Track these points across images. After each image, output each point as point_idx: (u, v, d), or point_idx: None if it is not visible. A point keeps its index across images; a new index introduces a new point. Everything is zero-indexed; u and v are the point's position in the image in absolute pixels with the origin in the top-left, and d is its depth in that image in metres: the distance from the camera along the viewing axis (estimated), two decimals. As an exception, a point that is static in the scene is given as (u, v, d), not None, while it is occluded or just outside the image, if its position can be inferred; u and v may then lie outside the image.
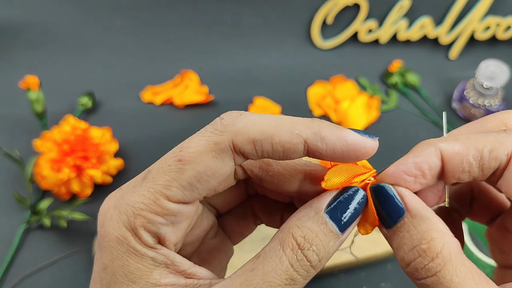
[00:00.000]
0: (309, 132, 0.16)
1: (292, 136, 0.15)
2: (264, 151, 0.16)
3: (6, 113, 0.53)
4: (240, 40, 0.60)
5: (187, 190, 0.16)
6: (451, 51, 0.60)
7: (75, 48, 0.58)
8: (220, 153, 0.16)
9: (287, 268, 0.15)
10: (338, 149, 0.16)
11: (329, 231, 0.16)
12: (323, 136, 0.16)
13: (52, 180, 0.42)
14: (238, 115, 0.16)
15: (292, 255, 0.15)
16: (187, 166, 0.15)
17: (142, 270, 0.15)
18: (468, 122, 0.57)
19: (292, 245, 0.15)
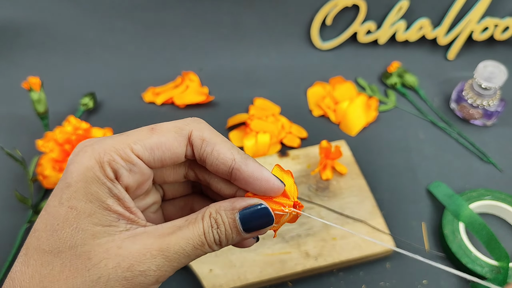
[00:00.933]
0: (239, 157, 0.21)
1: (228, 152, 0.21)
2: (205, 152, 0.21)
3: (8, 113, 0.53)
4: (240, 41, 0.60)
5: (147, 151, 0.20)
6: (450, 52, 0.61)
7: (76, 49, 0.59)
8: (180, 136, 0.21)
9: (201, 233, 0.20)
10: (254, 177, 0.21)
11: (234, 226, 0.20)
12: (248, 163, 0.21)
13: (53, 180, 0.42)
14: (203, 121, 0.22)
15: (206, 227, 0.20)
16: (155, 135, 0.20)
17: (99, 194, 0.19)
18: (467, 123, 0.56)
19: (207, 221, 0.20)
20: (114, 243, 0.19)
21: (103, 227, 0.19)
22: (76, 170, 0.19)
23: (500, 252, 0.38)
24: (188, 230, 0.20)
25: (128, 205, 0.20)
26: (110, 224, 0.19)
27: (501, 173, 0.48)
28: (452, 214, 0.42)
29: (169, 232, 0.20)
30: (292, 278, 0.39)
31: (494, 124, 0.53)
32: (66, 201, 0.19)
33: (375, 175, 0.47)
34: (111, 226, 0.19)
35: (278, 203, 0.21)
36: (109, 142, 0.20)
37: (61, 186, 0.19)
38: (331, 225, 0.41)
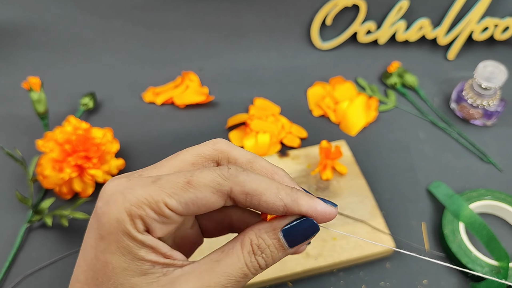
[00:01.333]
0: (289, 199, 0.20)
1: (277, 199, 0.20)
2: (251, 204, 0.20)
3: (8, 113, 0.53)
4: (240, 41, 0.61)
5: (182, 206, 0.19)
6: (450, 52, 0.61)
7: (76, 49, 0.59)
8: (218, 192, 0.19)
9: (242, 265, 0.19)
10: (309, 214, 0.20)
11: (279, 245, 0.20)
12: (299, 204, 0.20)
13: (53, 180, 0.42)
14: (242, 170, 0.20)
15: (247, 257, 0.20)
16: (191, 190, 0.19)
17: (131, 247, 0.19)
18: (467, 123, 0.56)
19: (248, 249, 0.20)
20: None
21: (140, 277, 0.19)
22: (107, 222, 0.19)
23: (500, 252, 0.38)
24: (227, 265, 0.19)
25: (162, 251, 0.19)
26: (146, 273, 0.19)
27: (501, 173, 0.48)
28: (452, 214, 0.42)
29: (207, 269, 0.19)
30: (292, 278, 0.39)
31: (494, 124, 0.53)
32: (101, 254, 0.19)
33: (375, 175, 0.47)
34: (148, 275, 0.19)
35: None
36: (140, 193, 0.19)
37: (94, 236, 0.19)
38: (331, 225, 0.41)
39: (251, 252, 0.19)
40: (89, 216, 0.40)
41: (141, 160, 0.49)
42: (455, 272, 0.40)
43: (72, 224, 0.43)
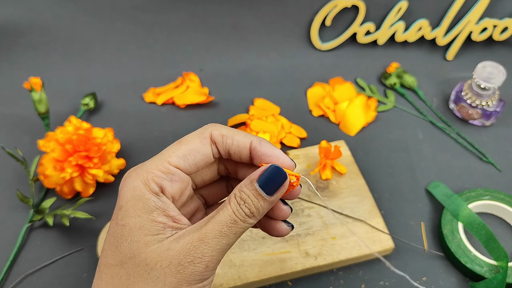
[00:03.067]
0: (255, 139, 0.25)
1: (245, 138, 0.25)
2: (227, 144, 0.25)
3: (10, 113, 0.54)
4: (240, 42, 0.61)
5: (181, 159, 0.24)
6: (448, 52, 0.61)
7: (77, 49, 0.59)
8: (203, 139, 0.25)
9: (231, 213, 0.23)
10: (268, 154, 0.24)
11: (258, 194, 0.23)
12: (262, 144, 0.25)
13: (55, 180, 0.42)
14: (219, 124, 0.25)
15: (234, 206, 0.23)
16: (183, 145, 0.24)
17: (146, 209, 0.23)
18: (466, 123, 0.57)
19: (233, 201, 0.23)
20: (163, 247, 0.22)
21: (152, 236, 0.22)
22: (125, 192, 0.23)
23: (499, 252, 0.38)
24: (219, 215, 0.23)
25: (172, 214, 0.23)
26: (158, 233, 0.22)
27: (500, 173, 0.48)
28: (451, 214, 0.42)
29: (205, 223, 0.23)
30: (292, 278, 0.39)
31: (493, 124, 0.53)
32: (120, 220, 0.23)
33: (374, 175, 0.47)
34: (159, 234, 0.22)
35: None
36: (148, 163, 0.24)
37: (116, 209, 0.23)
38: (331, 225, 0.41)
39: (235, 203, 0.23)
40: (91, 216, 0.41)
41: (142, 160, 0.48)
42: (454, 271, 0.40)
43: (73, 223, 0.43)
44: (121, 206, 0.23)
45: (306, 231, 0.41)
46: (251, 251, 0.39)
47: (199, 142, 0.24)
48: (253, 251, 0.39)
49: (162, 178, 0.23)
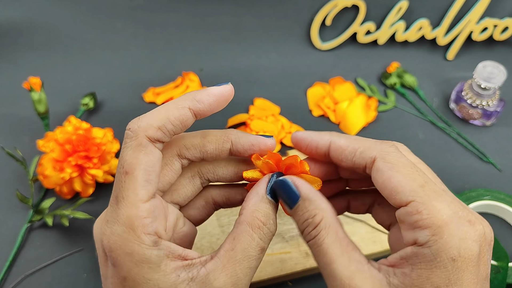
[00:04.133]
0: (189, 101, 0.23)
1: (180, 109, 0.22)
2: (170, 130, 0.22)
3: (9, 113, 0.53)
4: (240, 42, 0.61)
5: (147, 187, 0.21)
6: (449, 52, 0.61)
7: (77, 49, 0.59)
8: (146, 148, 0.21)
9: (258, 242, 0.21)
10: (209, 105, 0.23)
11: (272, 205, 0.22)
12: (198, 99, 0.23)
13: (54, 180, 0.42)
14: (138, 119, 0.22)
15: (259, 232, 0.21)
16: (135, 173, 0.21)
17: (152, 268, 0.20)
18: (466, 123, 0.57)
19: (258, 225, 0.21)
20: None
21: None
22: (121, 261, 0.21)
23: (500, 252, 0.38)
24: (244, 249, 0.21)
25: (177, 253, 0.21)
26: (174, 282, 0.20)
27: (500, 173, 0.48)
28: (451, 214, 0.42)
29: (228, 260, 0.21)
30: (292, 278, 0.39)
31: (493, 124, 0.53)
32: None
33: (374, 175, 0.47)
34: (178, 285, 0.20)
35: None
36: (122, 214, 0.21)
37: (116, 281, 0.21)
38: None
39: (261, 226, 0.21)
40: (90, 216, 0.40)
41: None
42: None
43: (72, 224, 0.43)
44: (125, 277, 0.20)
45: (306, 231, 0.41)
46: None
47: (143, 156, 0.21)
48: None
49: (149, 225, 0.20)
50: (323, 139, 0.24)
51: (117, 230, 0.20)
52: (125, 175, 0.21)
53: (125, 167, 0.21)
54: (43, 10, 0.56)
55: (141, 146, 0.21)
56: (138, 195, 0.21)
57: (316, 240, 0.21)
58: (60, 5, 0.56)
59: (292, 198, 0.22)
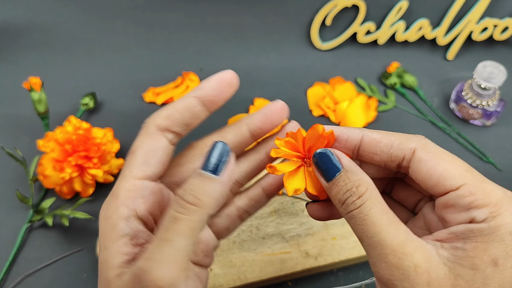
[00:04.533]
0: (193, 92, 0.24)
1: (185, 98, 0.24)
2: (178, 119, 0.23)
3: (9, 113, 0.53)
4: (240, 42, 0.61)
5: (144, 167, 0.22)
6: (449, 52, 0.61)
7: (77, 49, 0.59)
8: (152, 135, 0.23)
9: (169, 212, 0.20)
10: (211, 89, 0.24)
11: (205, 178, 0.21)
12: (200, 86, 0.24)
13: (54, 180, 0.42)
14: (153, 114, 0.24)
15: (172, 204, 0.21)
16: (137, 152, 0.23)
17: (114, 239, 0.21)
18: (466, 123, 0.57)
19: (174, 198, 0.21)
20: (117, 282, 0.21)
21: (117, 269, 0.21)
22: (100, 225, 0.22)
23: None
24: (164, 220, 0.21)
25: (140, 241, 0.22)
26: (121, 265, 0.21)
27: (501, 173, 0.48)
28: (451, 214, 0.42)
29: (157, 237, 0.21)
30: (292, 278, 0.39)
31: (493, 124, 0.53)
32: (99, 255, 0.22)
33: (374, 175, 0.47)
34: (122, 268, 0.21)
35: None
36: (116, 187, 0.23)
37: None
38: (331, 225, 0.41)
39: (176, 198, 0.21)
40: (90, 216, 0.40)
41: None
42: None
43: (72, 223, 0.43)
44: (101, 241, 0.22)
45: (306, 231, 0.41)
46: (251, 252, 0.39)
47: (149, 140, 0.23)
48: (253, 252, 0.39)
49: (133, 199, 0.22)
50: (354, 132, 0.24)
51: (111, 194, 0.22)
52: (129, 155, 0.23)
53: (131, 149, 0.24)
54: (43, 10, 0.56)
55: (148, 133, 0.23)
56: (132, 171, 0.22)
57: (362, 209, 0.21)
58: (60, 5, 0.56)
59: (332, 170, 0.22)
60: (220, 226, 0.27)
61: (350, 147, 0.24)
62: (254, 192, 0.27)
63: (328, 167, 0.22)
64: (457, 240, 0.20)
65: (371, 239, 0.20)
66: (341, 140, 0.24)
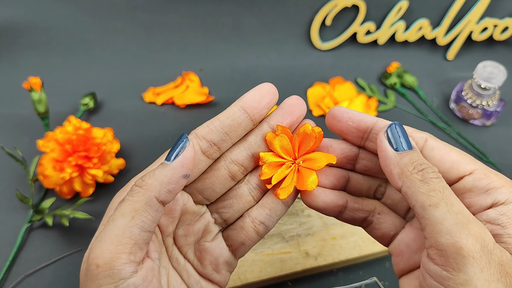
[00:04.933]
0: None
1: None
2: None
3: (9, 113, 0.53)
4: (240, 42, 0.61)
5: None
6: (449, 52, 0.61)
7: (77, 49, 0.59)
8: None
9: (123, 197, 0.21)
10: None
11: (160, 165, 0.21)
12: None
13: (54, 180, 0.42)
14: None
15: (128, 191, 0.21)
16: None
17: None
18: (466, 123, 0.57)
19: (131, 187, 0.21)
20: None
21: None
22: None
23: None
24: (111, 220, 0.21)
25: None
26: None
27: (501, 173, 0.48)
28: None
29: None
30: (292, 278, 0.39)
31: (493, 124, 0.53)
32: None
33: (374, 175, 0.47)
34: None
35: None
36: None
37: None
38: (331, 225, 0.41)
39: (132, 186, 0.21)
40: (90, 216, 0.40)
41: (141, 160, 0.49)
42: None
43: (72, 224, 0.43)
44: None
45: (306, 231, 0.41)
46: (251, 252, 0.39)
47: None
48: (253, 252, 0.39)
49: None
50: (368, 116, 0.24)
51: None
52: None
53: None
54: (43, 10, 0.56)
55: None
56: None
57: (441, 181, 0.20)
58: (60, 5, 0.56)
59: (407, 143, 0.23)
60: (235, 239, 0.26)
61: (362, 128, 0.24)
62: (267, 200, 0.26)
63: (405, 139, 0.23)
64: (494, 226, 0.21)
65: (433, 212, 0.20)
66: (355, 120, 0.25)
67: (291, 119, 0.25)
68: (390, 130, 0.23)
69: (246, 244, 0.26)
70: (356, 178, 0.26)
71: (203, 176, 0.25)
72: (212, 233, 0.26)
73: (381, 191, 0.26)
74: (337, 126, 0.26)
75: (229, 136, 0.24)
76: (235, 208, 0.26)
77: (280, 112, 0.26)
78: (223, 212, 0.26)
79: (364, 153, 0.26)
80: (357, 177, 0.26)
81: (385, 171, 0.22)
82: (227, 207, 0.26)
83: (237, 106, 0.25)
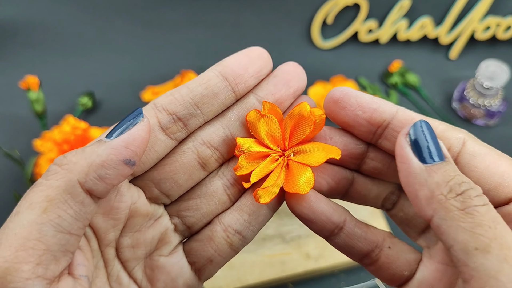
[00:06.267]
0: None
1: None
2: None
3: (6, 113, 0.53)
4: (240, 40, 0.60)
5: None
6: (451, 51, 0.60)
7: (75, 48, 0.58)
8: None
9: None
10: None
11: (97, 142, 0.16)
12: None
13: (52, 180, 0.42)
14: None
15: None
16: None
17: None
18: (469, 122, 0.56)
19: (48, 167, 0.16)
20: None
21: None
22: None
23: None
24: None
25: None
26: None
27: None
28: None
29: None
30: (293, 280, 0.39)
31: (496, 124, 0.53)
32: None
33: (376, 176, 0.47)
34: None
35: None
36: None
37: None
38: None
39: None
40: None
41: (140, 160, 0.48)
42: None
43: (70, 224, 0.42)
44: None
45: (307, 232, 0.40)
46: (252, 253, 0.39)
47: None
48: (254, 253, 0.39)
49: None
50: (387, 104, 0.18)
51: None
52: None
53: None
54: (40, 9, 0.56)
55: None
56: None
57: (490, 208, 0.15)
58: (58, 4, 0.56)
59: (438, 152, 0.16)
60: (200, 254, 0.19)
61: (376, 122, 0.18)
62: (245, 202, 0.19)
63: (435, 145, 0.16)
64: None
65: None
66: (368, 109, 0.18)
67: (286, 91, 0.19)
68: (414, 130, 0.16)
69: (215, 261, 0.19)
70: (362, 181, 0.20)
71: (161, 162, 0.18)
72: (170, 244, 0.19)
73: (392, 200, 0.20)
74: (340, 115, 0.19)
75: (201, 110, 0.18)
76: (203, 211, 0.19)
77: (273, 81, 0.19)
78: (187, 216, 0.19)
79: (375, 152, 0.19)
80: (364, 181, 0.20)
81: (407, 192, 0.16)
82: (193, 208, 0.19)
83: (215, 71, 0.18)
